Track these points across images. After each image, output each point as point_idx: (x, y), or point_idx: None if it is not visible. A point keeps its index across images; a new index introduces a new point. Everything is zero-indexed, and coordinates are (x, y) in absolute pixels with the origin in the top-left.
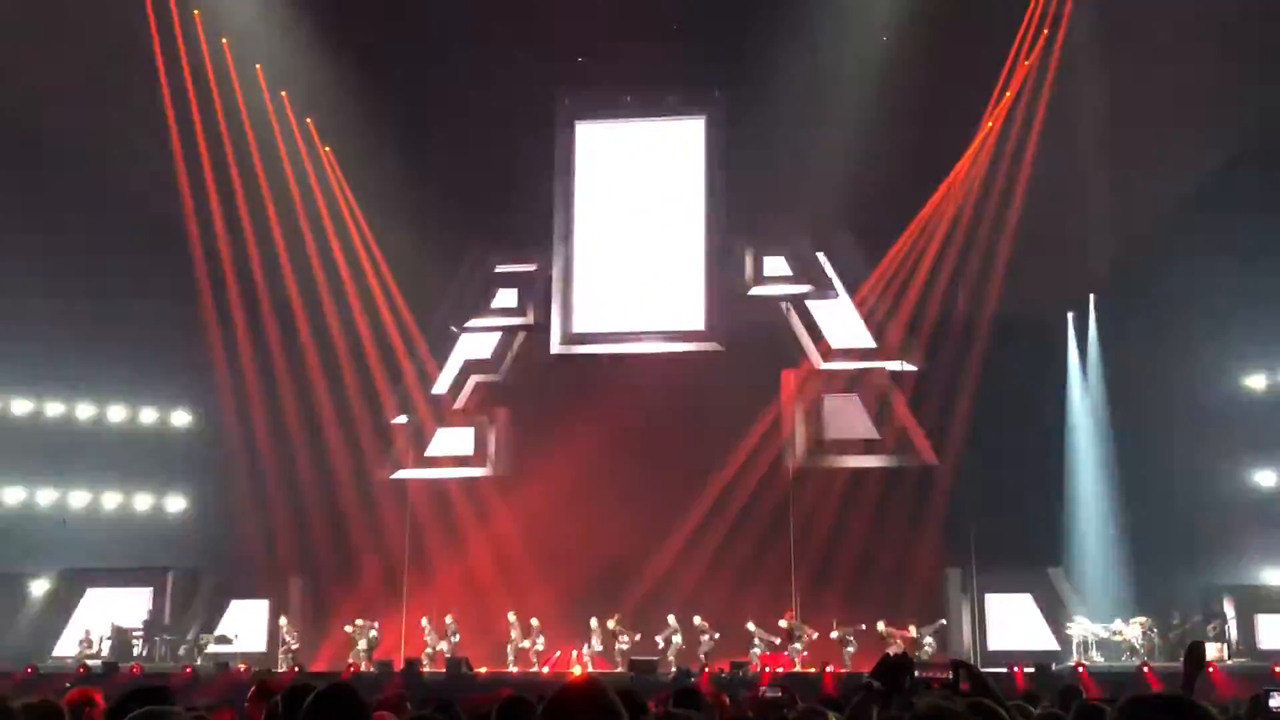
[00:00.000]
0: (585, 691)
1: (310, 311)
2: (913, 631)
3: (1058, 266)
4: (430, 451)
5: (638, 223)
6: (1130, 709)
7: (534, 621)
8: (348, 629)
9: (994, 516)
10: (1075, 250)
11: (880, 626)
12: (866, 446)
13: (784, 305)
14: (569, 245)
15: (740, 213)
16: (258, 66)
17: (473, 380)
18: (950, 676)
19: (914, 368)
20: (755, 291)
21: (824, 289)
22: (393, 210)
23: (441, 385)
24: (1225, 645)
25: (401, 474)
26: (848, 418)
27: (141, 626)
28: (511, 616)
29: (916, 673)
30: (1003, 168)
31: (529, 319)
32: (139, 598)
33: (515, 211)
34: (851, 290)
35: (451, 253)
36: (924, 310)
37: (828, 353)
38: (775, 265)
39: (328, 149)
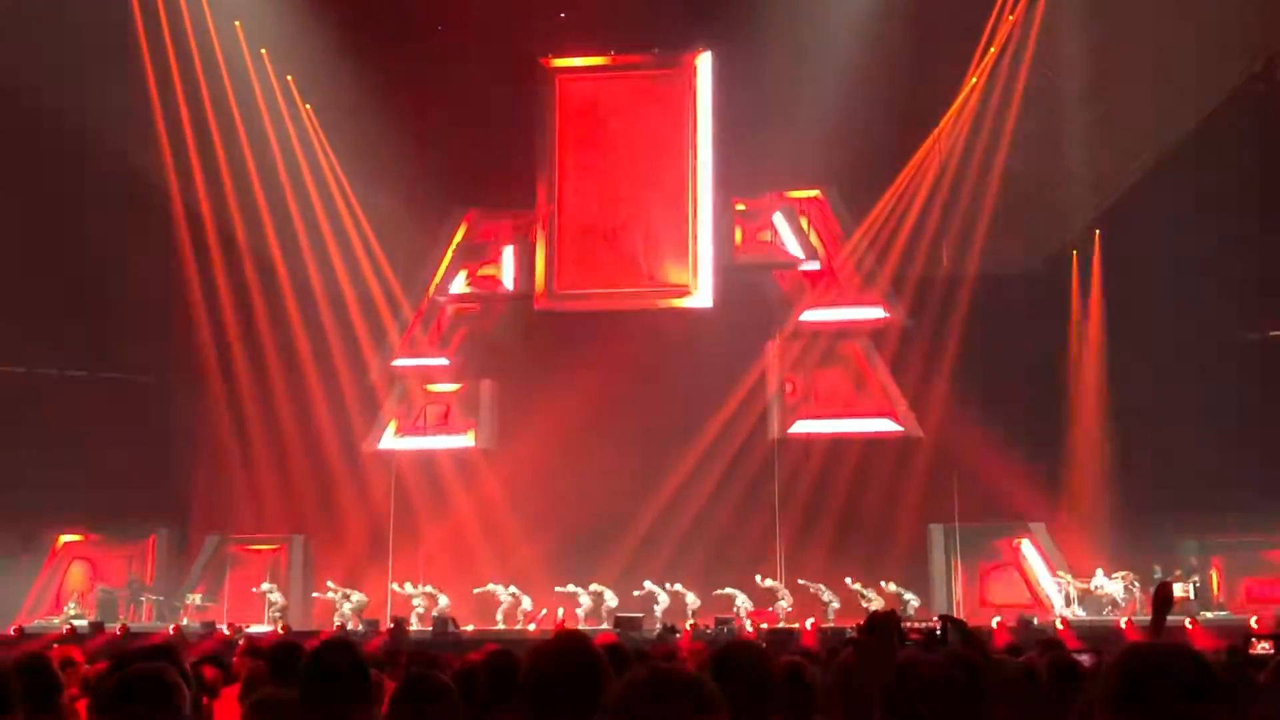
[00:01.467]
0: (568, 644)
1: (292, 270)
2: (890, 588)
3: (1042, 220)
4: (415, 419)
5: (622, 178)
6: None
7: (512, 589)
8: (317, 595)
9: (978, 473)
10: (1060, 204)
11: (848, 581)
12: (849, 415)
13: (770, 271)
14: (553, 201)
15: (726, 167)
16: (237, 24)
17: (458, 335)
18: (937, 631)
19: (899, 324)
20: (742, 259)
21: (808, 254)
22: (375, 168)
23: (425, 347)
24: (1191, 586)
25: (387, 444)
26: (830, 385)
27: (126, 588)
28: (491, 587)
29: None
30: (985, 127)
31: (513, 276)
32: (124, 558)
33: (499, 168)
34: (837, 246)
35: (435, 210)
36: (909, 265)
37: (809, 321)
38: (760, 222)
39: (309, 107)
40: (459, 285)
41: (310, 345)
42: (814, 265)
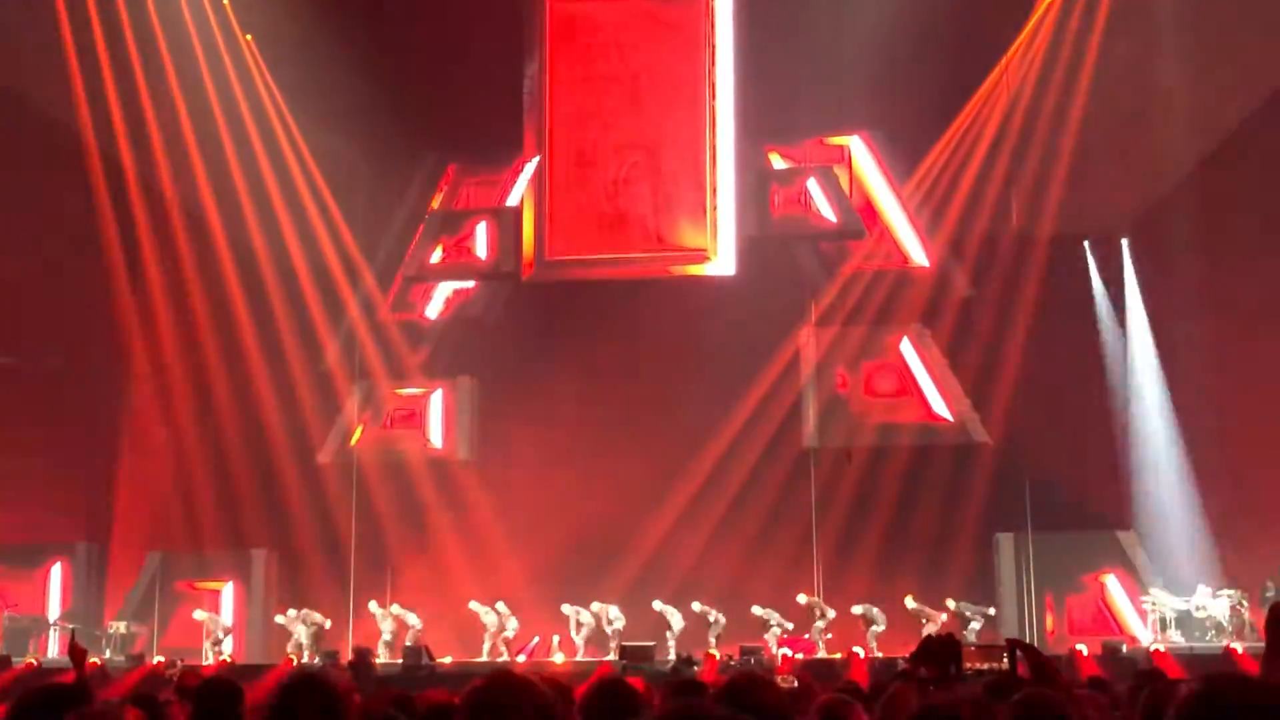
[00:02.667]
0: (506, 692)
1: (230, 230)
2: (952, 605)
3: (1133, 169)
4: (382, 423)
5: (628, 123)
6: (1206, 697)
7: (500, 606)
8: (279, 620)
9: (1053, 473)
10: (1155, 148)
11: (908, 602)
12: (897, 422)
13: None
14: (545, 150)
15: (752, 108)
16: None
17: (433, 321)
18: (1004, 662)
19: (959, 295)
20: (772, 227)
21: (849, 224)
22: (329, 110)
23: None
24: None
25: (345, 453)
26: (876, 384)
27: (47, 617)
28: (473, 606)
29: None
30: (1064, 56)
31: (495, 241)
32: (33, 579)
33: (478, 110)
34: (885, 205)
35: (399, 159)
36: (971, 225)
37: (850, 307)
38: (794, 186)
39: (249, 38)
40: (434, 261)
41: (254, 322)
42: (857, 235)
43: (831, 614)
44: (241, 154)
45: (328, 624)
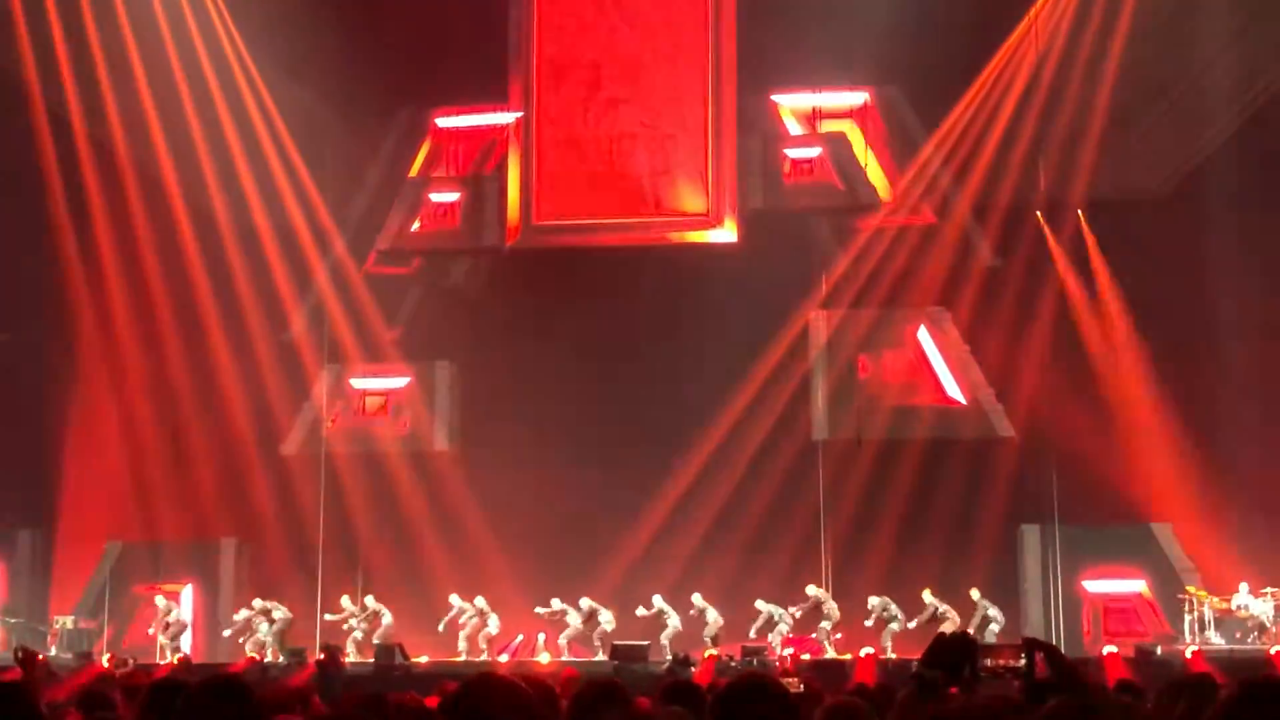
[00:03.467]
0: (487, 695)
1: (188, 190)
2: (976, 596)
3: (1168, 135)
4: (353, 412)
5: (621, 73)
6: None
7: (480, 601)
8: (239, 616)
9: (1082, 460)
10: (1194, 108)
11: (926, 596)
12: (913, 412)
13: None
14: (532, 105)
15: (759, 63)
16: None
17: (408, 298)
18: (1023, 661)
19: (983, 265)
20: (778, 200)
21: (866, 198)
22: (296, 60)
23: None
24: None
25: (314, 444)
26: (891, 371)
27: None
28: (453, 600)
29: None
30: (1098, 3)
31: (476, 212)
32: None
33: (460, 61)
34: (902, 164)
35: (375, 117)
36: (995, 191)
37: (865, 276)
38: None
39: None
40: (411, 231)
41: (213, 288)
42: (872, 208)
43: (836, 615)
44: (201, 108)
45: (289, 618)
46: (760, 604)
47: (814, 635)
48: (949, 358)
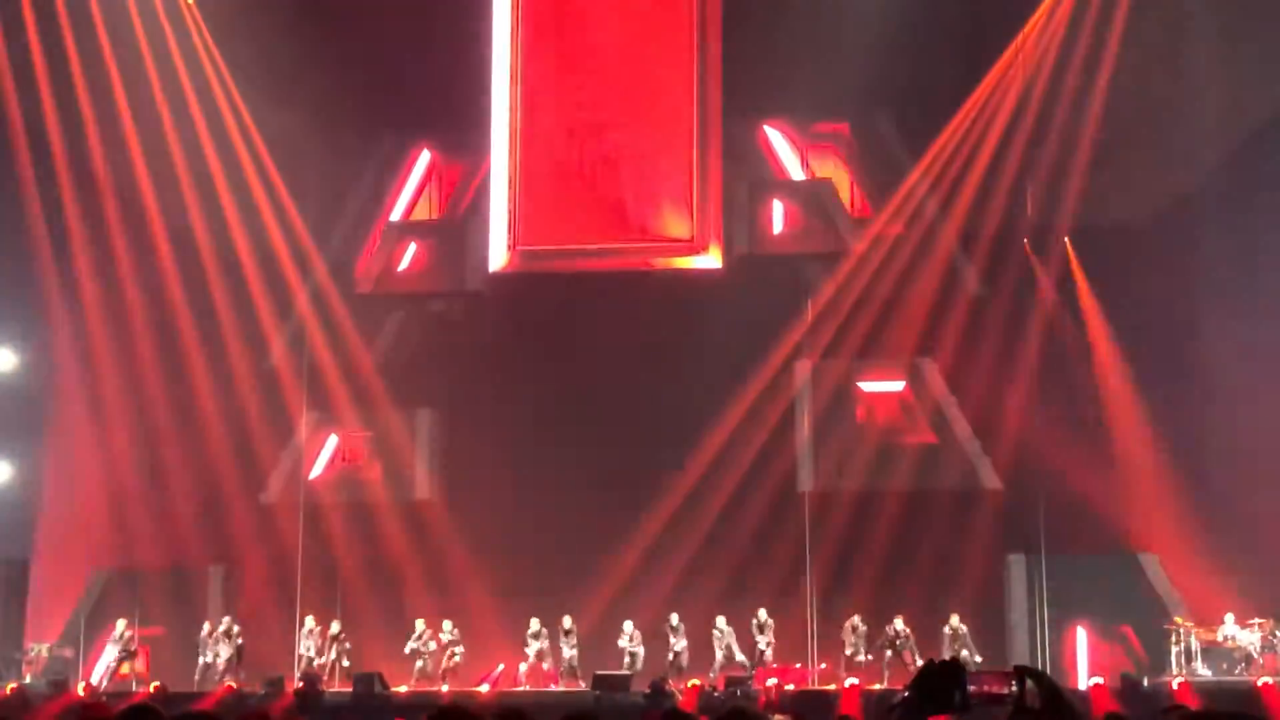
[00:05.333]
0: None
1: (168, 213)
2: (954, 621)
3: (1156, 162)
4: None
5: (606, 97)
6: None
7: (447, 625)
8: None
9: (1069, 490)
10: (1182, 136)
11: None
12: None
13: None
14: (515, 130)
15: (746, 88)
16: None
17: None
18: (1013, 689)
19: (970, 293)
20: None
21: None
22: (279, 83)
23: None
24: None
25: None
26: (881, 419)
27: None
28: (417, 631)
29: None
30: (1085, 31)
31: (457, 246)
32: None
33: (443, 82)
34: (887, 190)
35: (356, 143)
36: (981, 219)
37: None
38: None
39: (191, 2)
40: (395, 272)
41: (193, 312)
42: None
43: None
44: (182, 131)
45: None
46: (720, 623)
47: (799, 664)
48: (934, 401)
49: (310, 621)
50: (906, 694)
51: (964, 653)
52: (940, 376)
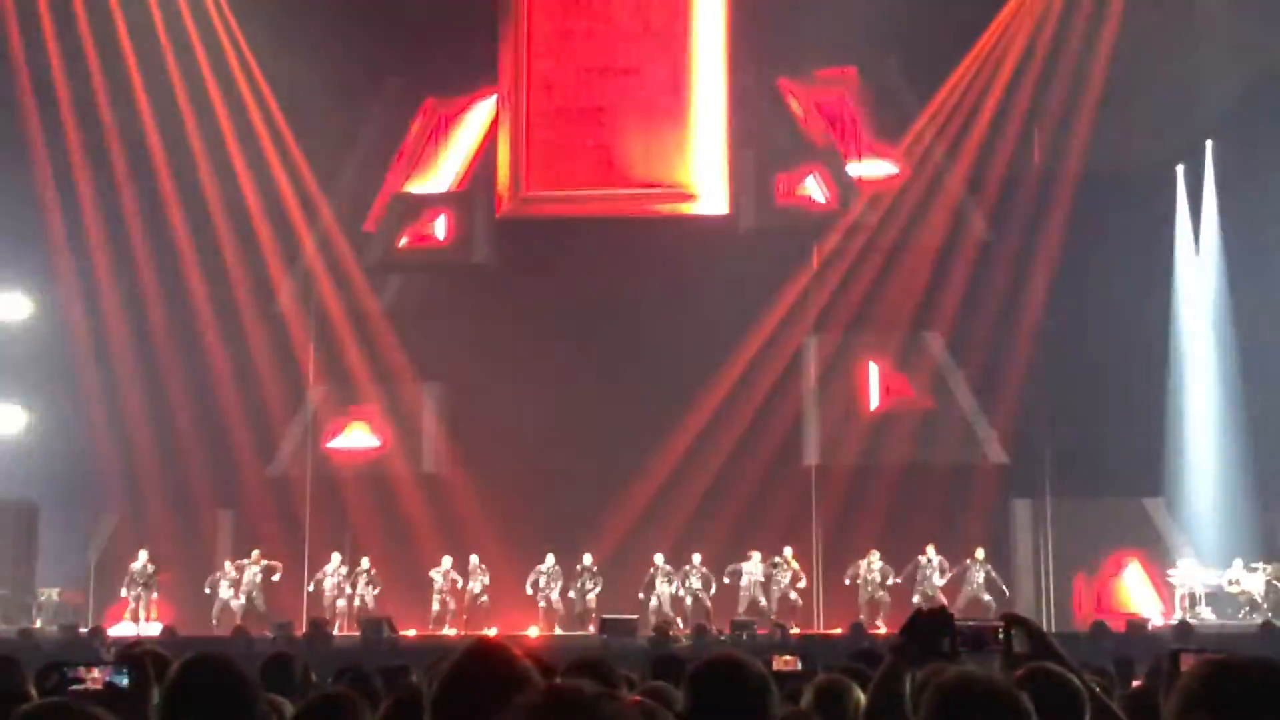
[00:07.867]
0: (487, 661)
1: (177, 164)
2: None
3: (1167, 106)
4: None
5: (615, 43)
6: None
7: (474, 558)
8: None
9: (1075, 433)
10: (1190, 85)
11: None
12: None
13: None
14: (521, 76)
15: (751, 33)
16: None
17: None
18: (1001, 638)
19: (976, 238)
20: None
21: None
22: (284, 29)
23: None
24: None
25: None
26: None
27: None
28: (443, 567)
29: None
30: None
31: (466, 173)
32: None
33: (447, 30)
34: (896, 135)
35: (362, 88)
36: (989, 164)
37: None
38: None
39: None
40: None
41: (198, 255)
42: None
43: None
44: (188, 78)
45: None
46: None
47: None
48: (938, 383)
49: (336, 559)
50: (897, 641)
51: (985, 596)
52: (942, 341)
